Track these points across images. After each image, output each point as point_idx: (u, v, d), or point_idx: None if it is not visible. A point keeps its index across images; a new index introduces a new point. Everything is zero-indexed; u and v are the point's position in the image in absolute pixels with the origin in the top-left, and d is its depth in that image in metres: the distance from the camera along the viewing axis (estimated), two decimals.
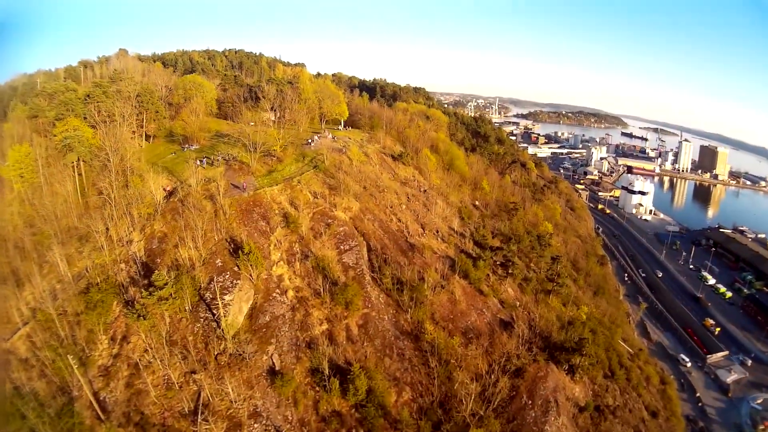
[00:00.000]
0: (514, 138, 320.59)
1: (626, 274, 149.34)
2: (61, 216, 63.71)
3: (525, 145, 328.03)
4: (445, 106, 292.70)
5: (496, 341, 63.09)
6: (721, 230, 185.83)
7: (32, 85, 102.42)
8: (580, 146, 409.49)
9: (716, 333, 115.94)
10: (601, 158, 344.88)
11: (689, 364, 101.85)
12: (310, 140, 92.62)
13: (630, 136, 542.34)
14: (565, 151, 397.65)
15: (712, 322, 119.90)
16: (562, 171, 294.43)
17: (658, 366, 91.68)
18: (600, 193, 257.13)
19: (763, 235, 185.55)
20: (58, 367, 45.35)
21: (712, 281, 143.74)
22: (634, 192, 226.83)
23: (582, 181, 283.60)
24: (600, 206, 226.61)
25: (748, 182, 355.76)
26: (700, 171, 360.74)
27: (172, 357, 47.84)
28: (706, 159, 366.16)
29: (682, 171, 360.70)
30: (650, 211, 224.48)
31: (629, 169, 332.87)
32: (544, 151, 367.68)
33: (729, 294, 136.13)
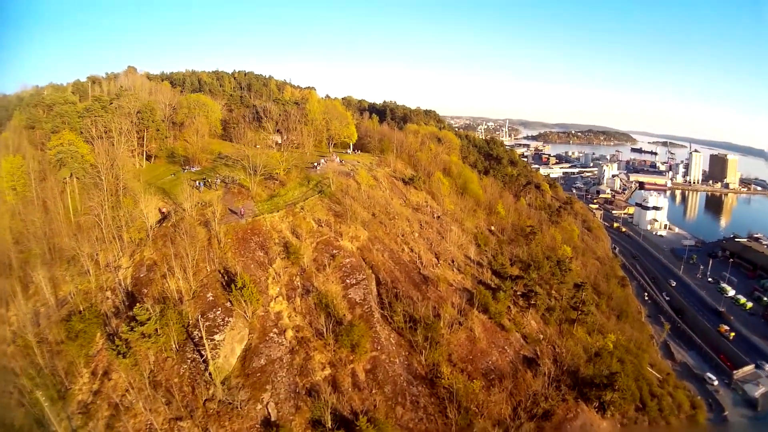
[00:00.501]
0: (525, 159, 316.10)
1: (646, 294, 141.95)
2: (51, 235, 59.91)
3: (536, 166, 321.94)
4: (456, 129, 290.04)
5: (520, 381, 56.58)
6: (736, 239, 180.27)
7: (39, 96, 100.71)
8: (591, 165, 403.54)
9: (731, 338, 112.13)
10: (613, 175, 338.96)
11: (716, 383, 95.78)
12: (315, 164, 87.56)
13: (639, 151, 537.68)
14: (576, 170, 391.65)
15: (726, 327, 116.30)
16: (574, 191, 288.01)
17: (687, 389, 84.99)
18: (614, 212, 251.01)
19: None
20: (35, 398, 41.10)
21: (731, 292, 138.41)
22: (648, 208, 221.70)
23: (595, 200, 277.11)
24: (615, 225, 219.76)
25: (759, 188, 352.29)
26: (711, 181, 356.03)
27: (155, 401, 42.42)
28: (717, 168, 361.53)
29: (694, 183, 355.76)
30: (665, 226, 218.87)
31: (641, 185, 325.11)
32: (556, 172, 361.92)
33: (749, 304, 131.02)
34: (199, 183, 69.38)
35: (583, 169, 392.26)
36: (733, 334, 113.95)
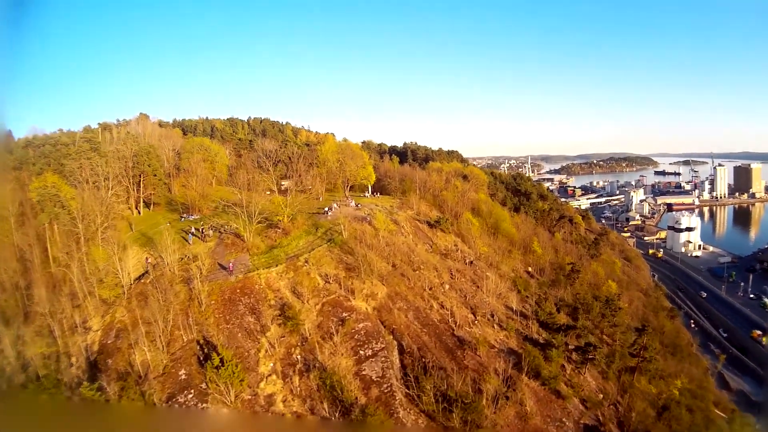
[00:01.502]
0: (552, 193, 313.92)
1: (692, 321, 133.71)
2: (25, 286, 51.62)
3: (564, 199, 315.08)
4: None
5: None
6: None
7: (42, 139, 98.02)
8: (618, 192, 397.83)
9: (765, 343, 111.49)
10: (641, 201, 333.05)
11: None
12: (327, 209, 77.84)
13: (663, 173, 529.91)
14: (603, 200, 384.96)
15: (759, 332, 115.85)
16: (603, 221, 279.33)
17: (752, 424, 72.10)
18: (645, 238, 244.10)
19: None
20: None
21: None
22: (681, 230, 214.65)
23: (626, 228, 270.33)
24: (651, 251, 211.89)
25: None
26: (737, 193, 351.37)
27: None
28: (741, 179, 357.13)
29: (721, 197, 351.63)
30: (699, 246, 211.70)
31: (669, 207, 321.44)
32: (583, 203, 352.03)
33: None
34: (193, 232, 61.62)
35: (610, 198, 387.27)
36: (765, 339, 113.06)
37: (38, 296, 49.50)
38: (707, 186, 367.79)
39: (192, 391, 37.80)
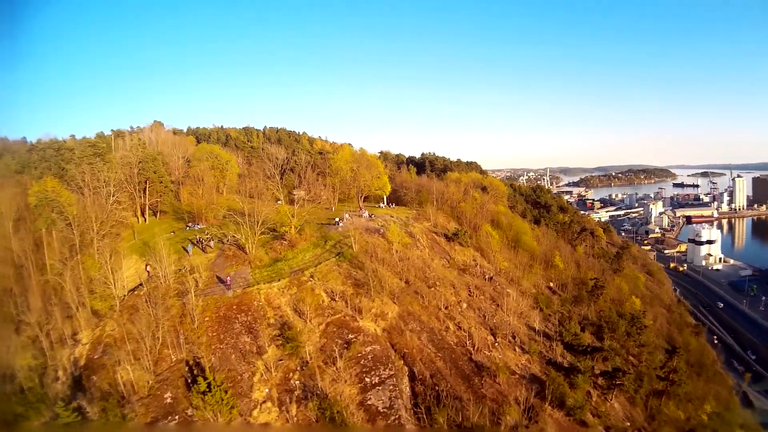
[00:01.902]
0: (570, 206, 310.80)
1: (715, 337, 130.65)
2: (20, 293, 49.83)
3: (583, 212, 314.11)
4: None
5: None
6: None
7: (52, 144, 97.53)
8: (636, 205, 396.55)
9: None
10: (660, 213, 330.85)
11: None
12: (338, 219, 74.28)
13: (681, 185, 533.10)
14: (622, 213, 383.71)
15: None
16: (623, 233, 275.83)
17: None
18: (666, 251, 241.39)
19: None
20: None
21: None
22: (701, 242, 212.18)
23: (646, 241, 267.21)
24: (673, 265, 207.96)
25: None
26: (756, 205, 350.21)
27: None
28: (760, 190, 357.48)
29: (740, 209, 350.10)
30: (720, 259, 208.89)
31: (688, 220, 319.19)
32: (603, 216, 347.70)
33: None
34: (194, 242, 58.80)
35: (629, 211, 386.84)
36: None
37: (29, 305, 47.30)
38: (726, 198, 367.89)
39: (176, 417, 34.22)
